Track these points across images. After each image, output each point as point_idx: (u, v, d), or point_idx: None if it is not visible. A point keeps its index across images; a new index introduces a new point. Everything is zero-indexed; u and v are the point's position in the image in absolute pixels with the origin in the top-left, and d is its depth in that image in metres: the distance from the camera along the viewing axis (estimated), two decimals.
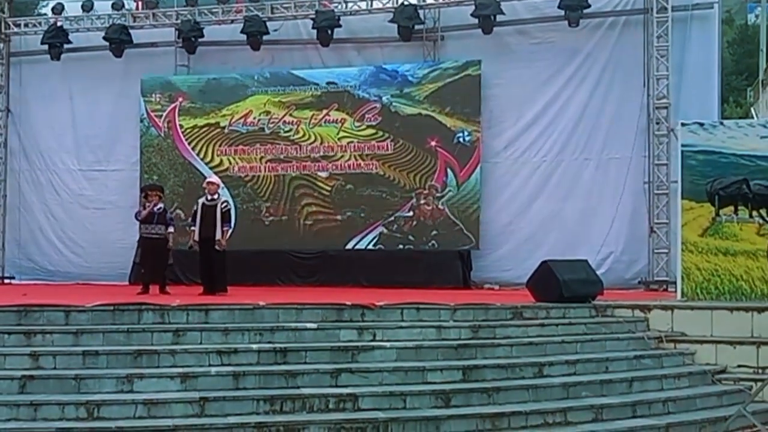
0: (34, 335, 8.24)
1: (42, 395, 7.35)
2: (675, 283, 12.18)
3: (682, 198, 11.45)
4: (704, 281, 11.17)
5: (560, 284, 10.64)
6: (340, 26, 17.11)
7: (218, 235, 12.32)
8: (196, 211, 12.58)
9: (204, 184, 13.18)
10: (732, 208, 10.97)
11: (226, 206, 12.76)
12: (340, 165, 17.14)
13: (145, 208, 12.77)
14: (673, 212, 14.09)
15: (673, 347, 10.09)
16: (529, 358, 9.00)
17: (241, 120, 17.69)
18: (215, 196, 12.64)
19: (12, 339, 8.18)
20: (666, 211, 15.15)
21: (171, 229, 12.76)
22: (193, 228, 12.64)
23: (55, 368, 7.79)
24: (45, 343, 8.19)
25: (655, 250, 15.27)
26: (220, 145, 17.77)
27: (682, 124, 11.79)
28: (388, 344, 8.73)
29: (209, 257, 12.43)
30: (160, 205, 12.80)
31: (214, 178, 13.40)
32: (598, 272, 12.17)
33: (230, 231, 12.85)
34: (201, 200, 12.68)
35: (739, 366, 9.76)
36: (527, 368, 8.74)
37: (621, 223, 15.81)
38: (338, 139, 17.18)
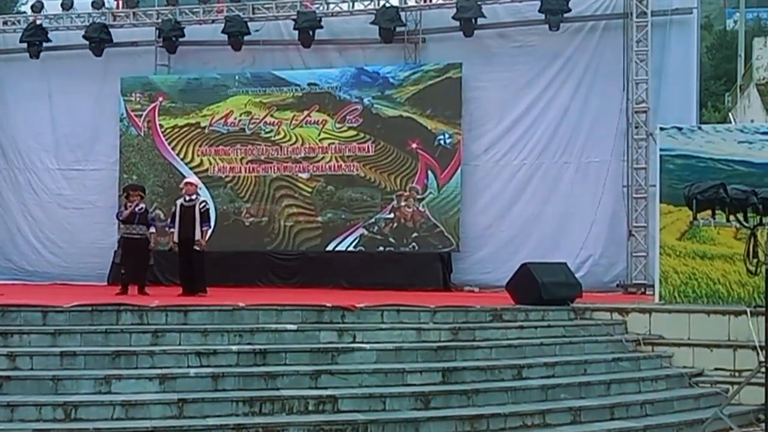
0: (11, 335, 8.17)
1: (19, 396, 7.29)
2: (653, 286, 12.28)
3: (661, 202, 11.55)
4: (682, 284, 11.27)
5: (539, 287, 10.70)
6: (321, 27, 17.09)
7: (197, 236, 12.29)
8: (174, 212, 12.55)
9: (182, 185, 13.14)
10: (709, 212, 10.99)
11: (204, 206, 12.74)
12: (321, 166, 17.13)
13: (126, 209, 12.69)
14: (651, 216, 14.21)
15: (651, 350, 10.17)
16: (509, 360, 9.03)
17: (222, 120, 17.63)
18: (193, 197, 12.60)
19: None
20: (644, 215, 15.24)
21: (152, 230, 12.69)
22: (172, 230, 12.60)
23: (32, 369, 7.73)
24: (22, 344, 8.12)
25: (634, 254, 15.37)
26: (200, 146, 17.71)
27: (661, 129, 11.90)
28: (368, 346, 8.74)
29: (188, 258, 12.41)
30: (142, 205, 12.72)
31: (193, 179, 13.37)
32: (577, 275, 12.27)
33: (209, 231, 12.82)
34: (179, 201, 12.64)
35: (716, 369, 9.86)
36: (506, 370, 8.78)
37: (600, 227, 15.90)
38: (319, 140, 17.17)
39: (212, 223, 13.19)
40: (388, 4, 16.88)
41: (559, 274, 11.27)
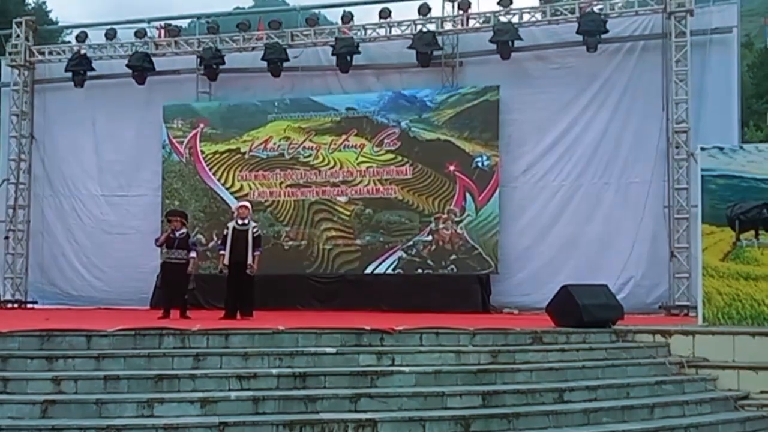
0: (56, 360, 8.28)
1: (63, 420, 7.37)
2: (696, 307, 12.10)
3: (703, 222, 11.40)
4: (725, 306, 11.08)
5: (580, 309, 10.58)
6: (359, 53, 17.27)
7: (250, 260, 12.37)
8: (226, 235, 12.58)
9: (234, 208, 13.28)
10: (753, 232, 10.90)
11: (257, 231, 12.82)
12: (360, 190, 17.22)
13: (169, 235, 12.84)
14: (693, 236, 14.03)
15: (695, 373, 9.98)
16: (550, 384, 8.93)
17: (262, 145, 17.84)
18: (246, 220, 12.66)
19: (34, 363, 8.22)
20: (686, 236, 15.06)
21: (193, 254, 12.82)
22: (222, 252, 12.63)
23: (76, 393, 7.82)
24: (67, 368, 8.22)
25: (676, 275, 15.18)
26: (240, 171, 17.93)
27: (702, 149, 11.76)
28: (407, 369, 8.70)
29: (239, 281, 12.45)
30: (183, 230, 12.84)
31: (246, 203, 13.42)
32: (618, 297, 12.11)
33: (260, 255, 12.92)
34: (231, 224, 12.70)
35: (762, 392, 9.64)
36: (547, 394, 8.67)
37: (641, 248, 15.74)
38: (357, 164, 17.27)
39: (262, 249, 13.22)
40: (425, 29, 16.99)
41: (600, 296, 11.13)
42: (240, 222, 12.60)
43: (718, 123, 15.40)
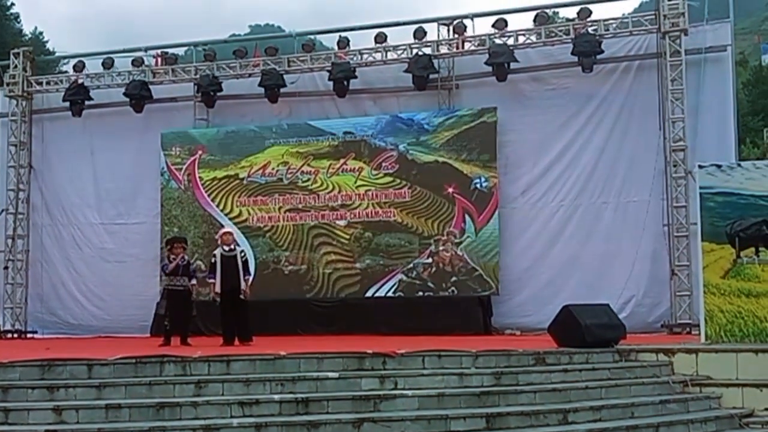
0: (57, 389, 8.25)
1: None
2: (698, 325, 12.06)
3: (702, 240, 11.39)
4: (728, 323, 11.04)
5: (582, 329, 10.56)
6: (355, 77, 17.35)
7: (242, 285, 12.35)
8: (215, 263, 12.52)
9: (218, 236, 13.24)
10: (753, 249, 10.89)
11: (244, 255, 12.82)
12: (359, 213, 17.23)
13: (170, 261, 12.84)
14: (693, 254, 14.04)
15: (699, 391, 9.94)
16: (554, 405, 8.89)
17: (260, 171, 17.87)
18: (232, 246, 12.68)
19: (35, 393, 8.19)
20: (687, 254, 15.06)
21: (193, 281, 12.83)
22: (212, 280, 12.55)
23: (78, 422, 7.78)
24: (68, 397, 8.19)
25: (677, 293, 15.16)
26: (239, 196, 17.94)
27: (700, 167, 11.78)
28: (410, 392, 8.67)
29: (233, 308, 12.40)
30: (184, 257, 12.88)
31: (229, 228, 13.42)
32: (620, 316, 12.08)
33: (251, 279, 12.90)
34: (218, 252, 12.66)
35: (767, 409, 9.60)
36: (552, 415, 8.62)
37: (642, 267, 15.73)
38: (356, 187, 17.30)
39: (252, 272, 13.23)
40: (421, 53, 17.08)
41: (602, 316, 11.11)
42: (227, 248, 12.58)
43: (715, 141, 15.47)
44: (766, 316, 10.83)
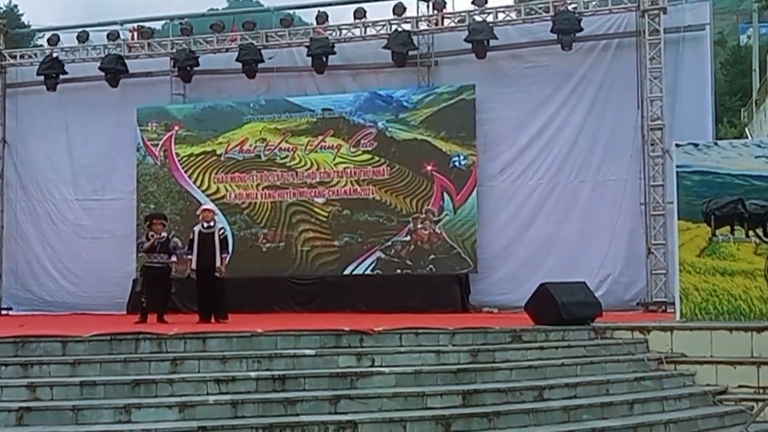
0: (31, 366, 8.19)
1: (39, 427, 7.29)
2: (674, 303, 12.17)
3: (679, 219, 11.45)
4: (703, 301, 11.14)
5: (559, 307, 10.61)
6: (334, 53, 17.21)
7: (218, 263, 12.29)
8: (192, 240, 12.50)
9: (199, 212, 13.16)
10: (728, 228, 10.97)
11: (223, 233, 12.73)
12: (337, 191, 17.17)
13: (148, 238, 12.71)
14: (670, 233, 14.14)
15: (674, 368, 10.03)
16: (529, 382, 8.94)
17: (237, 147, 17.74)
18: (212, 224, 12.60)
19: (9, 370, 8.12)
20: (663, 232, 15.17)
21: (173, 258, 12.71)
22: (189, 256, 12.53)
23: (52, 399, 7.73)
24: (42, 374, 8.13)
25: (653, 271, 15.27)
26: (216, 173, 17.82)
27: (677, 145, 11.82)
28: (387, 370, 8.68)
29: (209, 285, 12.36)
30: (163, 234, 12.75)
31: (210, 205, 13.36)
32: (596, 294, 12.15)
33: (228, 257, 12.83)
34: (197, 228, 12.61)
35: (740, 386, 9.71)
36: (527, 392, 8.68)
37: (618, 245, 15.82)
38: (334, 164, 17.22)
39: (230, 250, 13.15)
40: (400, 29, 16.97)
41: (579, 294, 11.17)
42: (205, 225, 12.51)
43: (693, 120, 15.52)
44: (741, 295, 10.93)
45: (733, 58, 41.07)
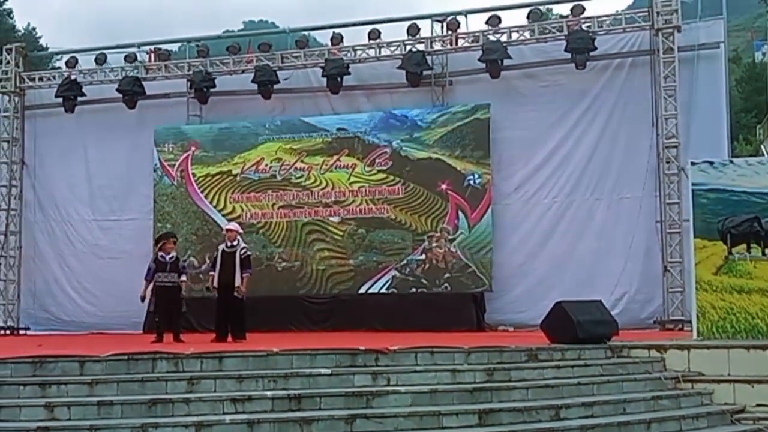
0: (49, 386, 8.23)
1: None
2: (690, 322, 12.10)
3: (695, 237, 11.42)
4: (720, 320, 11.08)
5: (575, 325, 10.58)
6: (349, 73, 17.32)
7: (237, 282, 12.36)
8: (215, 257, 12.66)
9: (224, 231, 13.26)
10: (745, 245, 10.93)
11: (245, 252, 12.77)
12: (352, 210, 17.22)
13: (159, 258, 12.77)
14: (686, 251, 14.08)
15: (691, 387, 9.97)
16: (546, 401, 8.90)
17: (253, 167, 17.84)
18: (234, 243, 12.66)
19: (27, 390, 8.16)
20: (679, 250, 15.09)
21: (184, 278, 12.79)
22: (212, 273, 12.69)
23: (70, 419, 7.76)
24: (60, 394, 8.17)
25: (670, 290, 15.19)
26: (232, 193, 17.92)
27: (692, 163, 11.81)
28: (402, 389, 8.67)
29: (227, 303, 12.43)
30: (173, 253, 12.82)
31: (234, 225, 13.37)
32: (612, 312, 12.11)
33: (248, 276, 12.86)
34: (221, 247, 12.76)
35: (758, 405, 9.62)
36: (544, 411, 8.64)
37: (634, 263, 15.76)
38: (349, 184, 17.28)
39: (251, 269, 13.13)
40: (414, 49, 17.07)
41: (595, 312, 11.13)
42: (228, 244, 12.63)
43: (708, 138, 15.47)
44: (758, 313, 10.87)
45: (748, 75, 40.97)
